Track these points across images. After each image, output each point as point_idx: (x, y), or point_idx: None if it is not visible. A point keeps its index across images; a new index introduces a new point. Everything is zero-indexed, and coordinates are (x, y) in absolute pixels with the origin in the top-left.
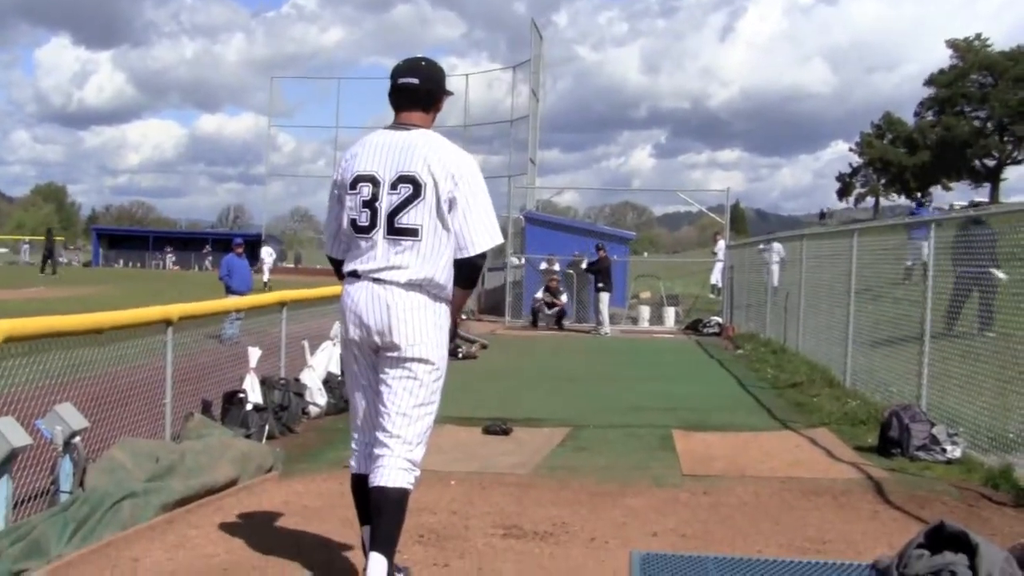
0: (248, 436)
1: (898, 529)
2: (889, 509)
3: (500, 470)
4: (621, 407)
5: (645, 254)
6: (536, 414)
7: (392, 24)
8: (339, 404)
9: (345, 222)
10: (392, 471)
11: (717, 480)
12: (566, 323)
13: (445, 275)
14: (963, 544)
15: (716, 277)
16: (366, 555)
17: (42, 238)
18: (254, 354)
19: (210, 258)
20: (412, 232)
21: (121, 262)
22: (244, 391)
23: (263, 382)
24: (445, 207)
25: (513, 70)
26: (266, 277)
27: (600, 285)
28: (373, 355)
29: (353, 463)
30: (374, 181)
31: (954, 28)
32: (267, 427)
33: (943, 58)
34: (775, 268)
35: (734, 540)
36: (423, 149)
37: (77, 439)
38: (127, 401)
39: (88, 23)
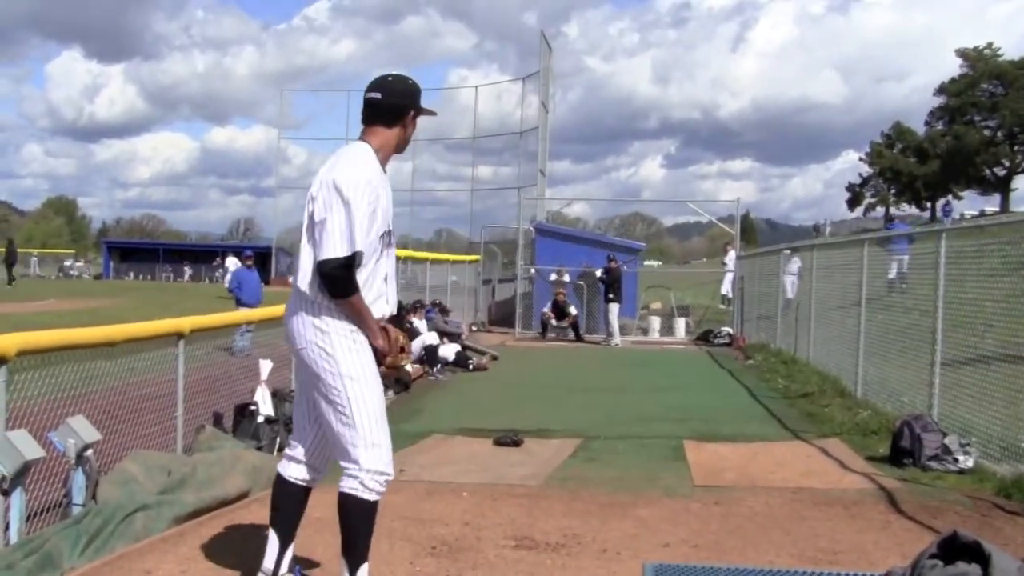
0: (259, 448)
1: (911, 539)
2: (901, 519)
3: (511, 481)
4: (632, 418)
5: (655, 264)
6: (547, 425)
7: (402, 36)
8: None
9: None
10: (345, 480)
11: (728, 490)
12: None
13: (316, 284)
14: (976, 554)
15: (727, 288)
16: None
17: (51, 251)
18: (265, 366)
19: (220, 270)
20: (305, 238)
21: (132, 275)
22: (255, 403)
23: (274, 394)
24: (312, 214)
25: (523, 81)
26: (229, 286)
27: (610, 296)
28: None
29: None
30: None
31: (964, 37)
32: (278, 439)
33: (953, 67)
34: (793, 280)
35: (746, 551)
36: (334, 158)
37: (90, 452)
38: (139, 414)
39: (99, 36)
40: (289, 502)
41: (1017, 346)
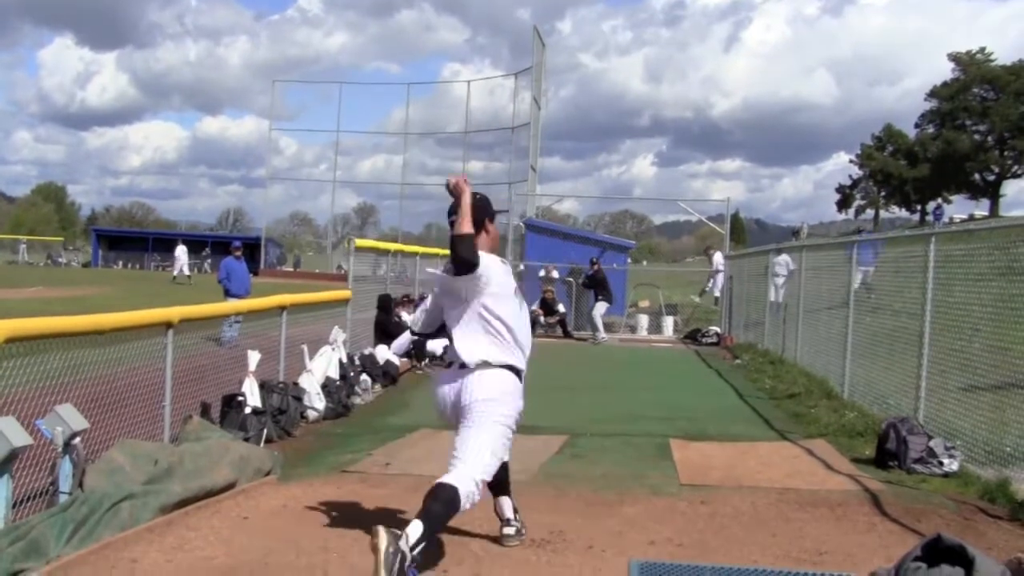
0: (246, 439)
1: (895, 542)
2: (886, 521)
3: None
4: (619, 415)
5: (644, 263)
6: (533, 422)
7: (396, 29)
8: (337, 409)
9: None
10: None
11: (714, 490)
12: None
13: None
14: (960, 557)
15: (716, 289)
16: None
17: (40, 238)
18: (253, 358)
19: (209, 260)
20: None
21: (120, 263)
22: (243, 394)
23: (262, 386)
24: None
25: (515, 77)
26: (176, 272)
27: (599, 296)
28: None
29: None
30: None
31: (957, 41)
32: (265, 431)
33: (945, 71)
34: (780, 281)
35: (730, 550)
36: None
37: (77, 440)
38: (127, 402)
39: (92, 24)
40: None
41: (1004, 351)
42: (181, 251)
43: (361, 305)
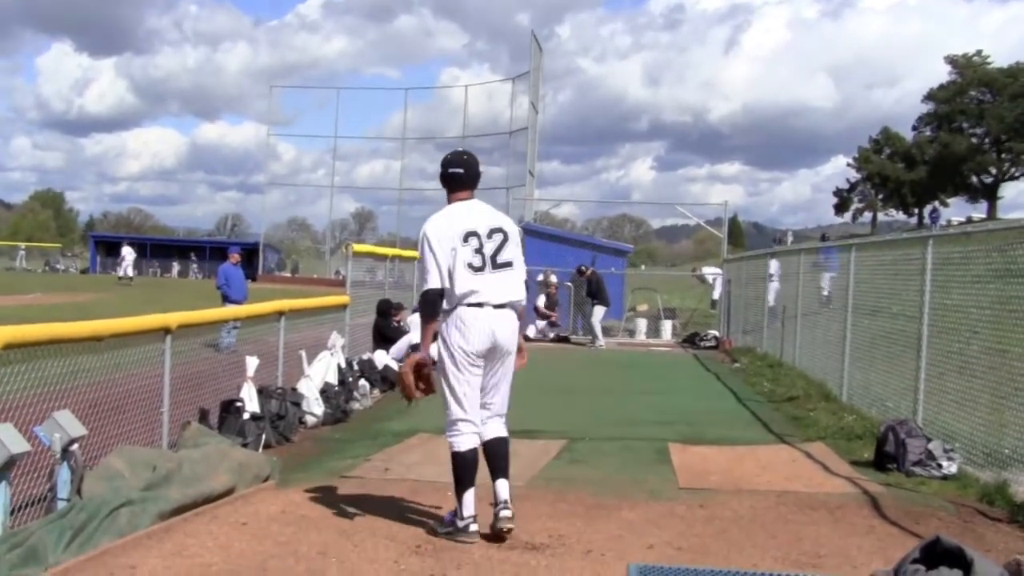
0: (245, 445)
1: (894, 544)
2: (885, 524)
3: None
4: (617, 420)
5: (643, 267)
6: (532, 426)
7: (395, 34)
8: (336, 414)
9: (461, 266)
10: (504, 429)
11: (713, 493)
12: (557, 333)
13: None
14: (958, 560)
15: (717, 293)
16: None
17: (38, 244)
18: (251, 363)
19: (196, 265)
20: (509, 264)
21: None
22: (241, 400)
23: (260, 391)
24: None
25: (512, 81)
26: (122, 272)
27: (595, 301)
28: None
29: (470, 443)
30: (477, 235)
31: (955, 44)
32: (264, 436)
33: (942, 74)
34: (773, 287)
35: (730, 554)
36: (494, 211)
37: (75, 446)
38: (125, 409)
39: (90, 30)
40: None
41: (1002, 353)
42: (127, 251)
43: (360, 310)
